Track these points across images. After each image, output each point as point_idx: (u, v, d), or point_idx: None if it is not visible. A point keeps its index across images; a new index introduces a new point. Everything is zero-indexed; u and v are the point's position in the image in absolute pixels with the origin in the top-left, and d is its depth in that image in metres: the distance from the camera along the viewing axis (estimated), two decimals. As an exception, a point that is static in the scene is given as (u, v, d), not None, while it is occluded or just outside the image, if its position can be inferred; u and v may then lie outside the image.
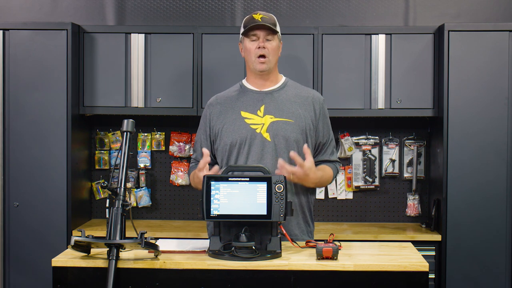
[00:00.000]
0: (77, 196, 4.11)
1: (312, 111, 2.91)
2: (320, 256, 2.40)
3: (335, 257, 2.40)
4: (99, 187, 4.41)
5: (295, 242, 2.64)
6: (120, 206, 2.39)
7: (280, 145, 2.84)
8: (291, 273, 2.36)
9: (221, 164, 2.90)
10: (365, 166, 4.37)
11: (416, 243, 3.20)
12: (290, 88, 2.97)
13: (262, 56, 2.87)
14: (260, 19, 2.85)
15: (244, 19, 2.93)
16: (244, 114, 2.88)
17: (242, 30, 2.92)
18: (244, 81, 3.01)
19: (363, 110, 4.07)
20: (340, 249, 2.50)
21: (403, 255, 2.51)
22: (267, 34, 2.87)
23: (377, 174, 4.37)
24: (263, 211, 2.45)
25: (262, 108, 2.88)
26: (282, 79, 3.00)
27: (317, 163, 2.95)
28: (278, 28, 2.91)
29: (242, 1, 4.39)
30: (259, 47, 2.86)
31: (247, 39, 2.89)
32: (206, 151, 2.69)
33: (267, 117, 2.86)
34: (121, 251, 2.39)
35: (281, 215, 2.44)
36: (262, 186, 2.45)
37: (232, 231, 2.50)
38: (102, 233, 3.90)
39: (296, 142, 2.85)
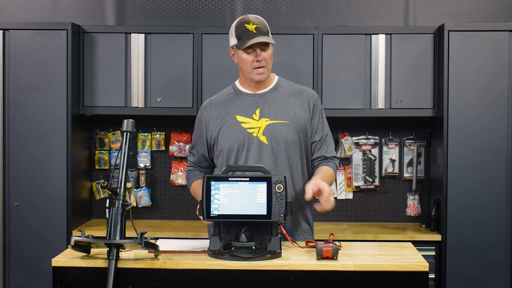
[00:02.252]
0: (77, 196, 4.11)
1: (306, 109, 2.90)
2: (320, 256, 2.40)
3: (335, 257, 2.40)
4: (99, 187, 4.41)
5: (295, 242, 2.64)
6: (120, 206, 2.39)
7: (277, 147, 2.83)
8: (291, 273, 2.36)
9: (220, 168, 2.90)
10: (365, 166, 4.37)
11: (416, 243, 3.20)
12: (283, 87, 2.95)
13: (260, 67, 2.82)
14: (254, 30, 2.78)
15: (236, 27, 2.82)
16: (239, 118, 2.87)
17: (234, 40, 2.82)
18: (237, 83, 2.98)
19: (363, 110, 4.07)
20: (340, 249, 2.50)
21: (403, 255, 2.51)
22: (263, 44, 2.81)
23: (377, 174, 4.37)
24: (263, 211, 2.45)
25: (257, 111, 2.87)
26: (275, 79, 2.97)
27: (315, 160, 2.95)
28: (270, 34, 2.84)
29: (242, 1, 4.39)
30: (257, 60, 2.81)
31: (241, 50, 2.82)
32: None
33: (263, 120, 2.86)
34: (121, 251, 2.39)
35: (281, 215, 2.45)
36: (262, 186, 2.45)
37: (232, 231, 2.50)
38: (102, 233, 3.90)
39: (293, 142, 2.85)
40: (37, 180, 3.94)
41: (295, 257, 2.44)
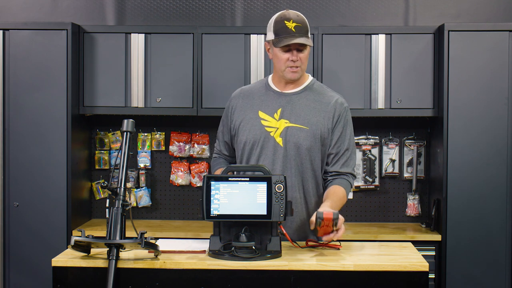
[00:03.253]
0: (77, 196, 4.11)
1: (330, 118, 2.79)
2: (320, 220, 2.41)
3: (335, 224, 2.44)
4: (99, 187, 4.41)
5: (295, 242, 2.64)
6: (120, 206, 2.39)
7: (291, 152, 2.77)
8: (291, 273, 2.36)
9: (239, 161, 2.89)
10: (365, 166, 4.37)
11: (416, 243, 3.20)
12: (313, 92, 2.84)
13: (294, 66, 2.76)
14: (293, 29, 2.70)
15: (275, 22, 2.76)
16: (261, 114, 2.82)
17: (272, 35, 2.77)
18: (269, 78, 2.91)
19: (363, 110, 4.07)
20: (339, 249, 2.51)
21: (403, 255, 2.51)
22: (300, 45, 2.73)
23: (377, 174, 4.37)
24: (263, 211, 2.45)
25: (279, 111, 2.80)
26: (307, 80, 2.87)
27: (328, 174, 2.84)
28: (309, 33, 2.77)
29: (242, 1, 4.39)
30: (292, 60, 2.74)
31: (277, 48, 2.75)
32: None
33: (282, 121, 2.79)
34: (121, 251, 2.39)
35: (281, 215, 2.44)
36: (262, 186, 2.45)
37: (232, 231, 2.50)
38: (102, 233, 3.90)
39: (308, 150, 2.77)
40: (37, 180, 3.94)
41: (295, 257, 2.44)
